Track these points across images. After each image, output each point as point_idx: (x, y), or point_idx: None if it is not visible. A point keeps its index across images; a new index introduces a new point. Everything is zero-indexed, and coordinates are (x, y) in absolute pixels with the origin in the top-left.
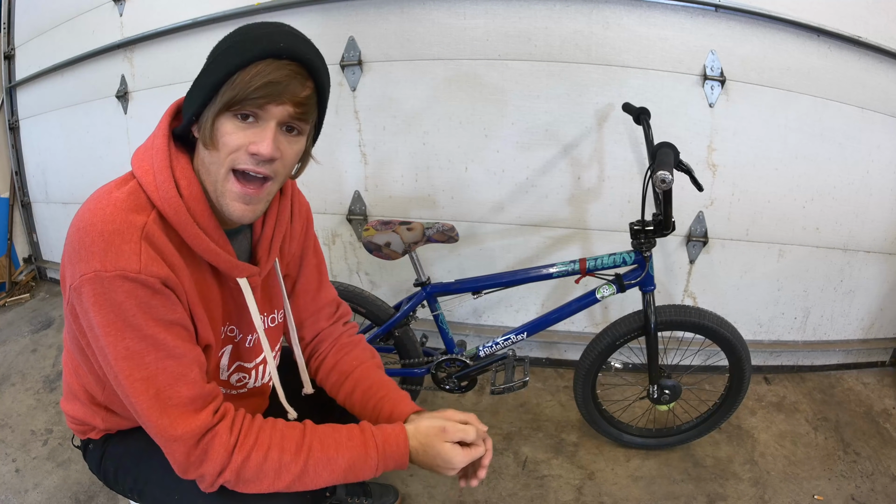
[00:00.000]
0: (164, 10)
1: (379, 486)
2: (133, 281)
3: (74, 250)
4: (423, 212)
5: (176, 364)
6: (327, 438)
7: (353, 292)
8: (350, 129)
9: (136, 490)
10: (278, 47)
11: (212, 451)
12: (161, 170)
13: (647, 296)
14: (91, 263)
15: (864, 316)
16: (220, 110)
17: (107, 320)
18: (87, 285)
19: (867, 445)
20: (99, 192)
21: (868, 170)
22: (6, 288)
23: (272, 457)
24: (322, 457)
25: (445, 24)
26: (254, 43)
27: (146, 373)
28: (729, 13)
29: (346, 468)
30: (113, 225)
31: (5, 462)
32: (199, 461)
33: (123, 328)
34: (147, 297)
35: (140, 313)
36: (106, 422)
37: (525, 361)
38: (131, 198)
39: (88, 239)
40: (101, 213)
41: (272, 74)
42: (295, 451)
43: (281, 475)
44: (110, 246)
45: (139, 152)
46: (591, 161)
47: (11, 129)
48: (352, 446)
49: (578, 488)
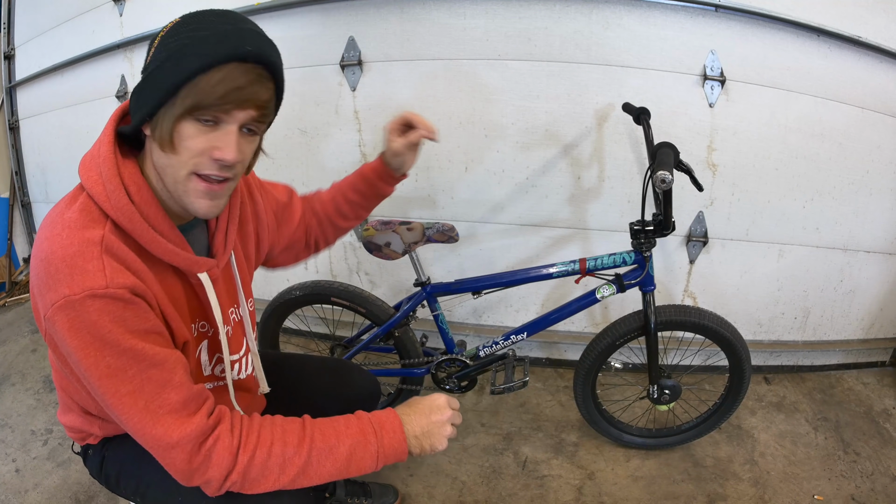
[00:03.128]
0: (164, 10)
1: (379, 486)
2: (102, 297)
3: (42, 281)
4: (423, 212)
5: (159, 372)
6: (327, 428)
7: (353, 292)
8: (350, 129)
9: (139, 493)
10: (245, 51)
11: (216, 455)
12: (109, 178)
13: (647, 296)
14: (59, 290)
15: (864, 316)
16: (182, 115)
17: (83, 343)
18: (58, 313)
19: (867, 445)
20: (51, 215)
21: (868, 170)
22: (6, 288)
23: (276, 452)
24: (324, 446)
25: (445, 24)
26: (218, 43)
27: (131, 386)
28: (729, 13)
29: (347, 456)
30: (72, 248)
31: (5, 462)
32: (204, 467)
33: (101, 347)
34: (119, 310)
35: (115, 328)
36: (103, 429)
37: (525, 361)
38: (83, 214)
39: (52, 268)
40: (58, 240)
41: (238, 80)
42: (297, 443)
43: (285, 469)
44: (74, 269)
45: (85, 161)
46: (591, 161)
47: (11, 129)
48: (350, 433)
49: (578, 488)
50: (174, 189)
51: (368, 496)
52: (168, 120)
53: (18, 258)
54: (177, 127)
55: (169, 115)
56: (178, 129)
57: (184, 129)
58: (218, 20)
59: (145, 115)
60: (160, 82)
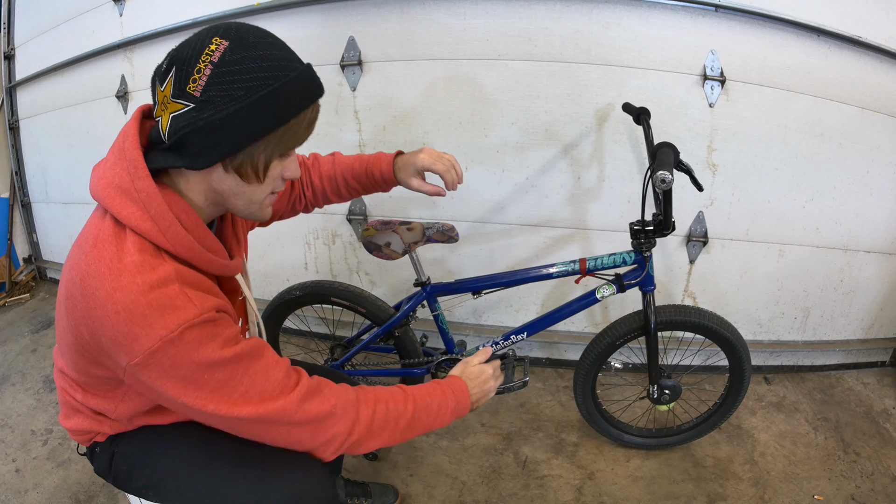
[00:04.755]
0: (164, 10)
1: (379, 487)
2: (199, 325)
3: (123, 332)
4: (423, 212)
5: (259, 361)
6: (417, 388)
7: (353, 292)
8: (350, 129)
9: (153, 485)
10: (321, 92)
11: (339, 409)
12: (161, 215)
13: (647, 296)
14: (152, 335)
15: (864, 316)
16: (278, 154)
17: (186, 378)
18: (155, 356)
19: (867, 445)
20: (100, 266)
21: (868, 170)
22: (6, 288)
23: (390, 407)
24: (422, 403)
25: (445, 24)
26: (305, 88)
27: (243, 387)
28: (729, 13)
29: (436, 411)
30: (152, 291)
31: (5, 462)
32: (331, 421)
33: (207, 371)
34: (213, 329)
35: (216, 347)
36: (114, 427)
37: (525, 361)
38: (143, 255)
39: (138, 316)
40: (132, 287)
41: (313, 116)
42: (403, 399)
43: (398, 422)
44: (164, 310)
45: (115, 196)
46: (591, 161)
47: (11, 129)
48: (436, 392)
49: (578, 488)
50: (245, 207)
51: (368, 496)
52: (259, 158)
53: (18, 258)
54: (270, 163)
55: (260, 153)
56: (270, 164)
57: (274, 164)
58: (284, 55)
59: (226, 155)
60: (255, 125)
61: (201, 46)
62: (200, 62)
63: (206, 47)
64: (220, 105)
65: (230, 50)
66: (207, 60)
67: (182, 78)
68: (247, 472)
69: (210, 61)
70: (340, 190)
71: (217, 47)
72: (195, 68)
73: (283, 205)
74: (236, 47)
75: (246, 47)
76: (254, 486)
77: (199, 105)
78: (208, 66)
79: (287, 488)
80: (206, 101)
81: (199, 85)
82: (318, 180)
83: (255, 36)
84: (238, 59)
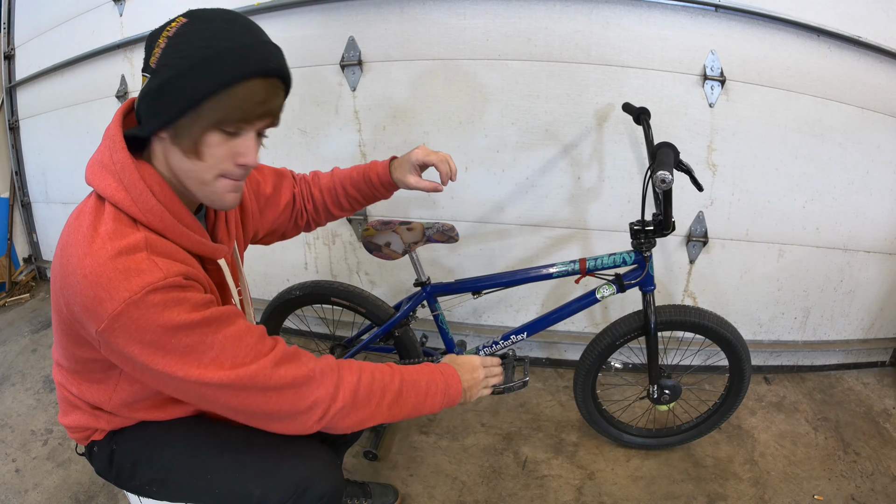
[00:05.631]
0: (164, 10)
1: (379, 487)
2: (163, 289)
3: (89, 299)
4: (423, 212)
5: (231, 327)
6: (406, 367)
7: (353, 292)
8: (350, 128)
9: (158, 480)
10: (269, 67)
11: (318, 372)
12: (133, 184)
13: (647, 296)
14: (116, 297)
15: (864, 316)
16: (208, 127)
17: (152, 342)
18: (119, 320)
19: (867, 445)
20: (77, 235)
21: (868, 170)
22: (6, 288)
23: (376, 377)
24: (409, 379)
25: (445, 23)
26: (244, 59)
27: (214, 352)
28: (729, 13)
29: (424, 391)
30: (119, 257)
31: (5, 462)
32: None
33: (173, 335)
34: (180, 294)
35: (182, 311)
36: (111, 423)
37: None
38: (116, 224)
39: (104, 279)
40: (101, 252)
41: (260, 94)
42: (390, 372)
43: (385, 394)
44: (129, 273)
45: (95, 171)
46: (591, 161)
47: (11, 129)
48: (425, 372)
49: (578, 488)
50: (199, 189)
51: (368, 496)
52: (193, 130)
53: (18, 258)
54: (203, 137)
55: (194, 125)
56: (204, 138)
57: (209, 138)
58: (235, 29)
59: (164, 123)
60: (183, 93)
61: (167, 24)
62: (161, 37)
63: (170, 25)
64: (163, 73)
65: (185, 24)
66: (166, 35)
67: (147, 54)
68: (254, 459)
69: (167, 35)
70: (340, 200)
71: (177, 24)
72: (156, 43)
73: (285, 220)
74: (192, 22)
75: (199, 21)
76: (262, 474)
77: (153, 75)
78: (165, 39)
79: (295, 473)
80: (156, 71)
81: (156, 57)
82: (319, 193)
83: (215, 14)
84: (188, 31)
